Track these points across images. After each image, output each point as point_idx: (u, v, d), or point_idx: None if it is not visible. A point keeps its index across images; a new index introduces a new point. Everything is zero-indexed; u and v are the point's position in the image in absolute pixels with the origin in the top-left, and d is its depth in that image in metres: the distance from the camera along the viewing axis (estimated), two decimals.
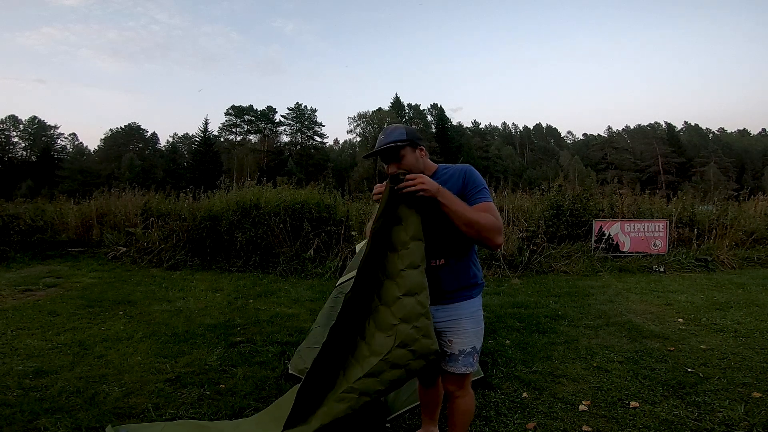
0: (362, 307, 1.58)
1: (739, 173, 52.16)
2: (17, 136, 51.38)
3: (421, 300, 1.48)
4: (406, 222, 1.50)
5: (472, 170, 1.61)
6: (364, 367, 1.51)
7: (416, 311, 1.46)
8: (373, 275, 1.55)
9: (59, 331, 3.55)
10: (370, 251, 1.52)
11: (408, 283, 1.47)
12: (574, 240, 7.21)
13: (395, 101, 58.64)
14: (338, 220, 6.96)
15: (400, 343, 1.45)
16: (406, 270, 1.48)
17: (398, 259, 1.50)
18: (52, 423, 2.13)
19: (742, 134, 65.57)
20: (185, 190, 9.30)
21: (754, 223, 7.96)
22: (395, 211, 1.50)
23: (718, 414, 2.25)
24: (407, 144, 1.57)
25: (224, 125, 55.57)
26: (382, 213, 1.48)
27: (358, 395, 1.52)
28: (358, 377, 1.51)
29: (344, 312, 1.56)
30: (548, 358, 3.06)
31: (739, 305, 4.42)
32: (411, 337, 1.45)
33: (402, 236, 1.50)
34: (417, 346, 1.45)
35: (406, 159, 1.57)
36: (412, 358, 1.46)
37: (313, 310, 4.23)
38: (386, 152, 1.57)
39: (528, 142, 67.91)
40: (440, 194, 1.44)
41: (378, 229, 1.49)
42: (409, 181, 1.42)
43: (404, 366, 1.47)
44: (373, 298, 1.56)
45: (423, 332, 1.46)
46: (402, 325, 1.46)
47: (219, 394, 2.49)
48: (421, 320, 1.46)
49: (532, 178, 44.29)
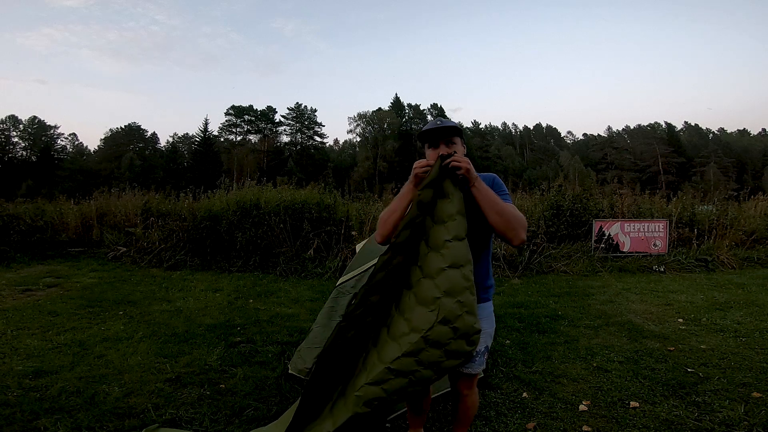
0: (402, 279, 1.50)
1: (739, 173, 52.12)
2: (17, 136, 51.27)
3: (465, 273, 1.42)
4: (452, 196, 1.48)
5: (498, 179, 1.70)
6: (402, 346, 1.40)
7: (461, 284, 1.40)
8: (415, 246, 1.49)
9: (59, 331, 3.55)
10: (414, 219, 1.46)
11: (453, 255, 1.41)
12: (574, 240, 7.21)
13: (395, 101, 58.63)
14: (338, 220, 6.96)
15: (442, 319, 1.37)
16: (452, 241, 1.43)
17: (445, 230, 1.45)
18: (52, 423, 2.13)
19: (742, 134, 65.50)
20: (185, 190, 9.32)
21: (754, 223, 7.97)
22: (442, 184, 1.49)
23: (718, 414, 2.25)
24: (460, 135, 1.68)
25: (224, 125, 55.57)
26: (430, 182, 1.47)
27: (393, 378, 1.40)
28: (395, 357, 1.40)
29: (384, 282, 1.47)
30: (548, 358, 3.06)
31: (739, 305, 4.42)
32: (454, 314, 1.37)
33: (449, 208, 1.47)
34: (460, 323, 1.38)
35: (456, 146, 1.65)
36: (453, 337, 1.38)
37: (313, 310, 4.23)
38: (445, 131, 1.62)
39: (528, 142, 67.89)
40: (478, 181, 1.51)
41: (423, 201, 1.47)
42: (457, 159, 1.48)
43: (444, 345, 1.38)
44: (415, 270, 1.48)
45: (467, 308, 1.40)
46: (445, 298, 1.38)
47: (219, 394, 2.49)
48: (466, 294, 1.40)
49: (532, 178, 44.30)
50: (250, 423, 2.20)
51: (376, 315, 1.52)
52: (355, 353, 1.55)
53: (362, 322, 1.51)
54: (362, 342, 1.54)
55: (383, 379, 1.42)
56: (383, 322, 1.51)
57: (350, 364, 1.56)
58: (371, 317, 1.52)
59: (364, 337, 1.54)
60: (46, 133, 52.34)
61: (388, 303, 1.52)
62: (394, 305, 1.52)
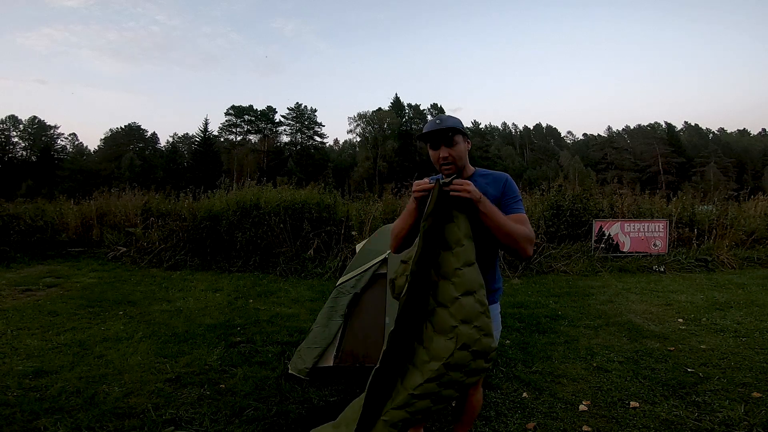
0: (418, 310, 1.51)
1: (739, 173, 52.11)
2: (17, 136, 51.30)
3: (479, 298, 1.43)
4: (458, 220, 1.46)
5: (511, 180, 1.64)
6: (424, 373, 1.43)
7: (476, 310, 1.41)
8: (426, 276, 1.48)
9: (59, 331, 3.56)
10: (422, 251, 1.44)
11: (466, 282, 1.42)
12: (574, 240, 7.21)
13: (395, 101, 58.63)
14: (338, 220, 6.96)
15: (462, 345, 1.39)
16: (462, 268, 1.42)
17: (453, 257, 1.44)
18: (52, 423, 2.13)
19: (742, 134, 65.50)
20: (185, 190, 9.32)
21: (754, 223, 7.97)
22: (446, 210, 1.47)
23: (718, 414, 2.25)
24: (462, 132, 1.60)
25: (224, 125, 55.57)
26: (431, 212, 1.43)
27: (417, 401, 1.45)
28: (418, 384, 1.43)
29: (402, 317, 1.48)
30: (548, 358, 3.06)
31: (739, 305, 4.42)
32: (472, 338, 1.39)
33: (456, 233, 1.45)
34: (478, 346, 1.40)
35: (458, 146, 1.59)
36: (471, 359, 1.41)
37: (313, 310, 4.23)
38: (443, 133, 1.56)
39: (528, 142, 67.88)
40: (482, 203, 1.45)
41: (429, 228, 1.44)
42: (457, 185, 1.43)
43: (464, 367, 1.41)
44: (429, 300, 1.49)
45: (484, 331, 1.41)
46: (462, 326, 1.39)
47: (219, 394, 2.49)
48: (482, 319, 1.41)
49: (532, 178, 44.26)
50: (250, 423, 2.20)
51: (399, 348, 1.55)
52: (388, 388, 1.57)
53: (390, 356, 1.54)
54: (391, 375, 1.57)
55: (407, 403, 1.46)
56: (410, 359, 1.54)
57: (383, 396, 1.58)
58: (396, 350, 1.54)
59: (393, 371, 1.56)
60: (46, 133, 52.35)
61: (409, 336, 1.55)
62: (415, 340, 1.54)
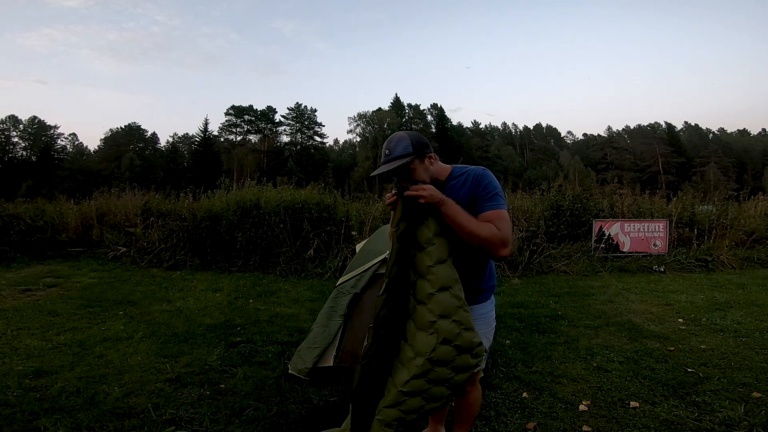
0: (401, 309, 1.58)
1: (739, 173, 52.12)
2: (17, 136, 51.27)
3: (455, 293, 1.48)
4: (428, 221, 1.53)
5: (486, 174, 1.56)
6: (410, 370, 1.49)
7: (453, 305, 1.47)
8: (405, 276, 1.56)
9: (59, 331, 3.55)
10: (398, 253, 1.52)
11: (440, 278, 1.48)
12: (574, 240, 7.21)
13: (395, 101, 58.65)
14: (338, 220, 6.96)
15: (443, 340, 1.44)
16: (435, 265, 1.49)
17: (426, 256, 1.51)
18: (52, 423, 2.13)
19: (742, 134, 65.46)
20: (185, 190, 9.32)
21: (754, 223, 7.96)
22: (416, 213, 1.53)
23: (718, 414, 2.25)
24: (414, 157, 1.52)
25: (224, 125, 55.59)
26: (400, 218, 1.51)
27: (407, 399, 1.50)
28: (406, 380, 1.49)
29: (388, 317, 1.55)
30: (548, 358, 3.06)
31: (739, 305, 4.42)
32: (452, 333, 1.45)
33: (426, 233, 1.52)
34: (460, 340, 1.46)
35: (417, 172, 1.54)
36: (456, 354, 1.46)
37: (313, 310, 4.23)
38: (395, 171, 1.52)
39: (528, 142, 67.88)
40: (443, 205, 1.46)
41: (402, 233, 1.52)
42: (413, 190, 1.47)
43: (450, 362, 1.46)
44: (409, 298, 1.57)
45: (464, 325, 1.47)
46: (441, 321, 1.45)
47: (219, 394, 2.49)
48: (459, 313, 1.47)
49: (532, 178, 44.31)
50: (250, 423, 2.20)
51: (388, 348, 1.60)
52: (378, 386, 1.62)
53: (378, 357, 1.59)
54: (383, 374, 1.62)
55: (398, 401, 1.50)
56: (395, 354, 1.59)
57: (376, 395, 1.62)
58: (384, 350, 1.60)
59: (384, 370, 1.61)
60: (46, 133, 52.33)
61: (396, 336, 1.60)
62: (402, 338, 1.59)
